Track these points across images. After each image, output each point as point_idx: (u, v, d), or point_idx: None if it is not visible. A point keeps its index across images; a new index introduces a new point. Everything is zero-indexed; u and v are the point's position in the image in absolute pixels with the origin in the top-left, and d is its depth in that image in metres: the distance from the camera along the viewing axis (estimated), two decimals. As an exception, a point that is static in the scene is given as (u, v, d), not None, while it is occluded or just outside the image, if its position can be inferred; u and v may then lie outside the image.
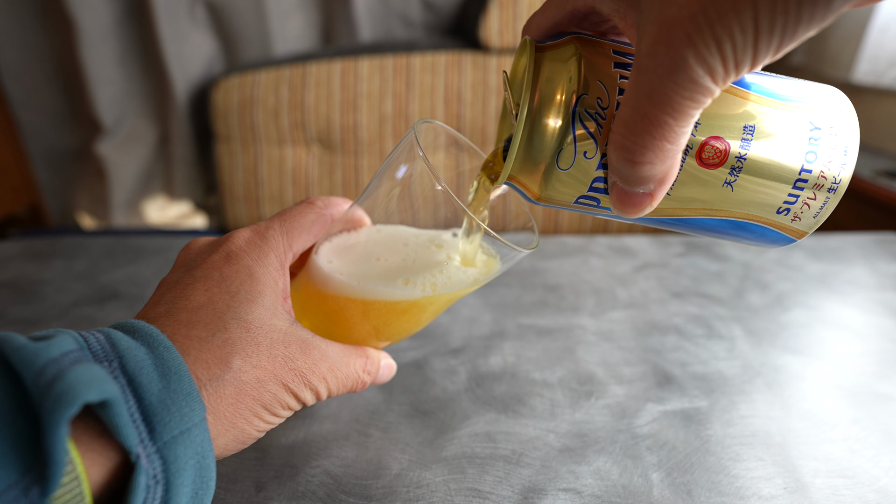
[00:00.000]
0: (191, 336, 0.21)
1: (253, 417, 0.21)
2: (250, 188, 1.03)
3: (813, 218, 0.20)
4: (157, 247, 0.53)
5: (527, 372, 0.35)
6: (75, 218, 1.16)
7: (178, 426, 0.18)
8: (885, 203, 0.66)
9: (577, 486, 0.26)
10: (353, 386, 0.25)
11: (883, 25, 0.77)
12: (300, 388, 0.23)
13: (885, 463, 0.28)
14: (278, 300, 0.24)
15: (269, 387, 0.22)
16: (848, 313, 0.42)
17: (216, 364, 0.20)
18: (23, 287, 0.45)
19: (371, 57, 0.97)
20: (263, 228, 0.25)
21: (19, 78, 1.03)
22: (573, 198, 0.21)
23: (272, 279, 0.24)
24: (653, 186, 0.18)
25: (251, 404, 0.21)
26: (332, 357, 0.24)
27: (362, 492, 0.26)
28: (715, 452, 0.28)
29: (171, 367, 0.19)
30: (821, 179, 0.19)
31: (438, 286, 0.25)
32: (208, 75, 1.06)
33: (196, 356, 0.20)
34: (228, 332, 0.21)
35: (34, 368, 0.16)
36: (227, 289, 0.22)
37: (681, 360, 0.36)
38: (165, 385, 0.18)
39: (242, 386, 0.21)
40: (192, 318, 0.21)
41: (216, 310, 0.22)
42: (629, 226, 1.03)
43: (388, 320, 0.26)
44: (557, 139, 0.19)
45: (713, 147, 0.19)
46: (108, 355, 0.18)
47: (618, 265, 0.50)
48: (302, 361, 0.23)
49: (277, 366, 0.22)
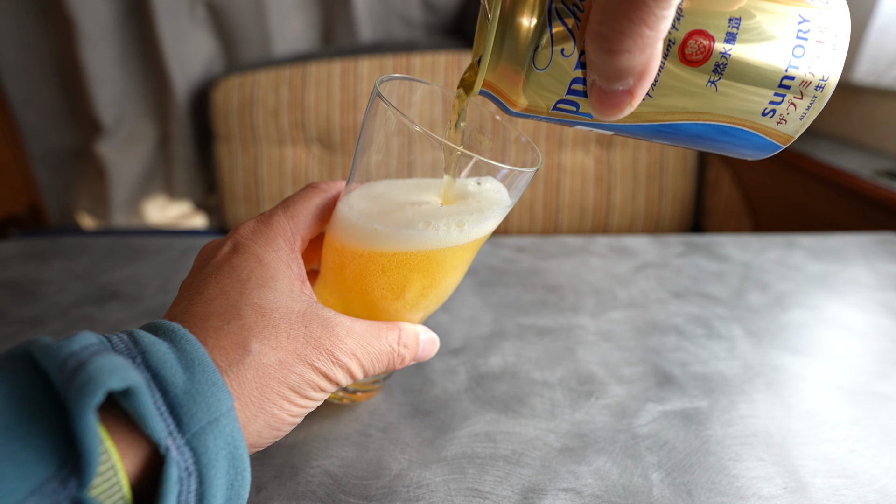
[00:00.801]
0: (206, 327, 0.21)
1: (282, 401, 0.21)
2: (250, 188, 1.03)
3: (799, 120, 0.20)
4: (157, 247, 0.53)
5: (527, 372, 0.35)
6: (75, 218, 1.16)
7: (206, 416, 0.18)
8: (885, 203, 0.66)
9: (577, 486, 0.26)
10: (389, 360, 0.25)
11: (883, 25, 0.77)
12: (328, 367, 0.22)
13: (885, 463, 0.28)
14: (293, 283, 0.23)
15: (294, 367, 0.21)
16: (848, 313, 0.42)
17: (234, 349, 0.20)
18: (23, 287, 0.45)
19: (371, 57, 0.97)
20: (268, 216, 0.25)
21: (19, 78, 1.03)
22: (552, 102, 0.20)
23: (283, 263, 0.23)
24: (632, 82, 0.17)
25: (277, 387, 0.21)
26: (359, 332, 0.23)
27: (362, 492, 0.26)
28: (715, 452, 0.28)
29: (194, 360, 0.19)
30: (808, 76, 0.19)
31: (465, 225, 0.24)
32: (208, 75, 1.06)
33: (214, 345, 0.20)
34: (243, 318, 0.21)
35: (57, 363, 0.16)
36: (237, 277, 0.22)
37: (681, 360, 0.36)
38: (190, 377, 0.18)
39: (264, 369, 0.20)
40: (206, 310, 0.21)
41: (229, 299, 0.22)
42: (629, 226, 1.03)
43: (411, 275, 0.25)
44: (534, 37, 0.18)
45: (696, 42, 0.18)
46: (132, 352, 0.18)
47: (618, 265, 0.50)
48: (325, 338, 0.22)
49: (299, 345, 0.21)
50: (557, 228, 1.03)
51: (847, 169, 0.73)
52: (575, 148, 1.00)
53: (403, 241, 0.24)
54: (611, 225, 1.03)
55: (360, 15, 1.04)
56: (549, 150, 1.00)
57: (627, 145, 1.00)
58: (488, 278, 0.47)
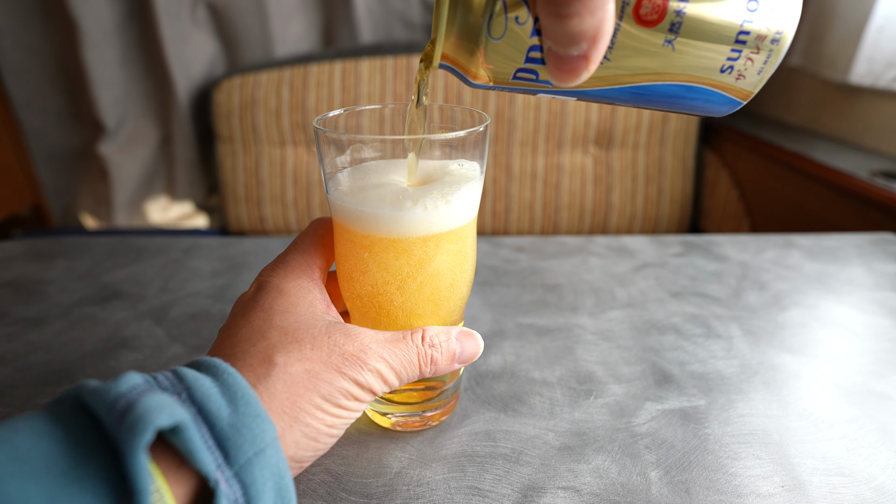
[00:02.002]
0: (235, 353, 0.22)
1: (316, 411, 0.21)
2: (252, 188, 1.03)
3: (757, 75, 0.20)
4: (158, 247, 0.53)
5: (526, 371, 0.35)
6: (78, 218, 1.16)
7: (252, 448, 0.18)
8: (881, 203, 0.66)
9: (576, 485, 0.26)
10: (420, 361, 0.24)
11: (880, 27, 0.77)
12: (358, 372, 0.22)
13: (881, 461, 0.28)
14: (315, 306, 0.24)
15: (324, 376, 0.21)
16: (845, 313, 0.42)
17: (260, 365, 0.21)
18: (26, 287, 0.46)
19: (372, 58, 0.97)
20: (283, 255, 0.27)
21: (22, 79, 1.03)
22: (511, 72, 0.20)
23: (304, 290, 0.25)
24: (586, 46, 0.17)
25: (309, 396, 0.21)
26: (383, 338, 0.24)
27: (363, 490, 0.26)
28: (713, 451, 0.29)
29: (237, 392, 0.19)
30: (763, 30, 0.19)
31: (450, 198, 0.25)
32: (210, 76, 1.06)
33: (242, 365, 0.21)
34: (268, 339, 0.22)
35: (106, 404, 0.17)
36: (261, 308, 0.24)
37: (679, 360, 0.36)
38: (234, 409, 0.19)
39: (292, 379, 0.21)
40: (235, 339, 0.23)
41: (254, 327, 0.23)
42: (628, 226, 1.03)
43: (410, 259, 0.25)
44: (487, 6, 0.18)
45: (650, 2, 0.18)
46: (177, 388, 0.19)
47: (617, 265, 0.50)
48: (350, 345, 0.23)
49: (324, 354, 0.22)
50: (557, 228, 1.04)
51: (844, 169, 0.73)
52: (574, 148, 1.01)
53: (396, 224, 0.25)
54: (610, 225, 1.03)
55: (361, 16, 1.04)
56: (549, 150, 1.00)
57: (626, 146, 1.01)
58: (488, 278, 0.48)
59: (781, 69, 1.03)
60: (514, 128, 0.98)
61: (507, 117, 0.98)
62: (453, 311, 0.28)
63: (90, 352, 0.37)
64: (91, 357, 0.36)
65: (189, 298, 0.44)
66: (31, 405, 0.31)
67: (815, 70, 0.90)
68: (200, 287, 0.46)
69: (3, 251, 0.52)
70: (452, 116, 0.29)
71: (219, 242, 0.55)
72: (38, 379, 0.34)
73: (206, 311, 0.42)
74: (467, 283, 0.28)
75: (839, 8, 0.84)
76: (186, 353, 0.37)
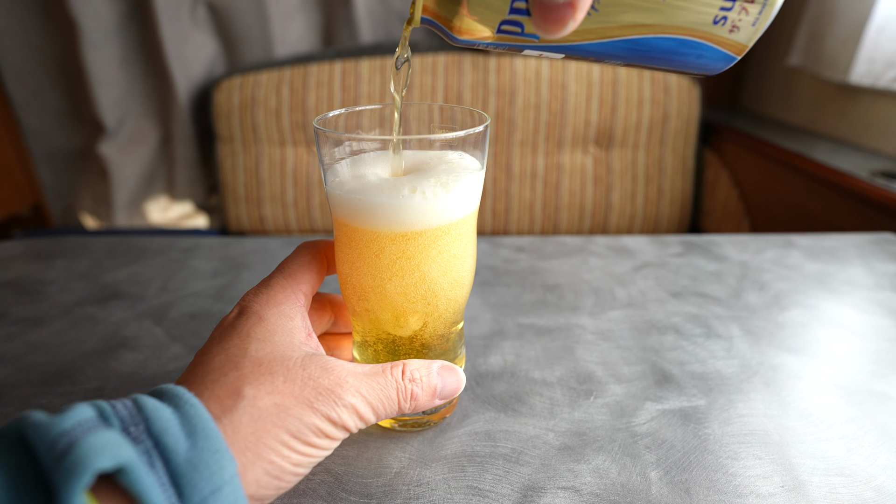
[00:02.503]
0: (205, 381, 0.21)
1: (281, 447, 0.20)
2: (252, 189, 1.04)
3: (752, 27, 0.19)
4: (158, 246, 0.53)
5: (526, 371, 0.35)
6: (78, 218, 1.16)
7: (209, 485, 0.18)
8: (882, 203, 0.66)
9: (576, 485, 0.26)
10: (399, 396, 0.24)
11: (880, 27, 0.77)
12: (332, 408, 0.21)
13: (881, 461, 0.28)
14: (294, 335, 0.24)
15: (293, 411, 0.20)
16: (845, 313, 0.42)
17: (227, 397, 0.20)
18: (26, 287, 0.46)
19: (371, 58, 0.97)
20: (267, 279, 0.26)
21: (22, 79, 1.03)
22: (495, 24, 0.19)
23: (285, 317, 0.24)
24: None
25: (275, 432, 0.20)
26: (361, 371, 0.23)
27: (363, 490, 0.26)
28: (713, 451, 0.29)
29: (197, 425, 0.18)
30: None
31: (450, 185, 0.25)
32: (210, 76, 1.06)
33: (209, 395, 0.20)
34: (241, 369, 0.21)
35: (46, 442, 0.16)
36: (238, 334, 0.23)
37: (679, 360, 0.36)
38: (193, 443, 0.18)
39: (260, 413, 0.20)
40: (207, 367, 0.22)
41: (229, 355, 0.22)
42: (628, 226, 1.03)
43: (408, 250, 0.25)
44: None
45: None
46: (135, 419, 0.18)
47: (617, 265, 0.50)
48: (325, 378, 0.22)
49: (297, 388, 0.21)
50: (557, 228, 1.04)
51: (844, 169, 0.73)
52: (574, 148, 1.01)
53: (395, 213, 0.24)
54: (609, 225, 1.03)
55: (361, 16, 1.04)
56: (549, 150, 1.00)
57: (626, 146, 1.01)
58: (488, 278, 0.48)
59: (782, 69, 1.03)
60: (514, 128, 0.98)
61: (507, 117, 0.98)
62: (454, 311, 0.28)
63: (90, 352, 0.37)
64: (91, 357, 0.36)
65: (189, 298, 0.44)
66: (31, 405, 0.31)
67: (815, 70, 0.90)
68: (200, 287, 0.46)
69: (3, 251, 0.52)
70: (452, 116, 0.29)
71: (219, 242, 0.55)
72: (38, 379, 0.34)
73: (206, 311, 0.42)
74: (467, 281, 0.28)
75: (839, 8, 0.84)
76: (186, 352, 0.37)
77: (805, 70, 0.95)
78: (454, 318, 0.29)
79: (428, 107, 0.30)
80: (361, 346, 0.30)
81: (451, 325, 0.29)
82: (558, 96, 0.96)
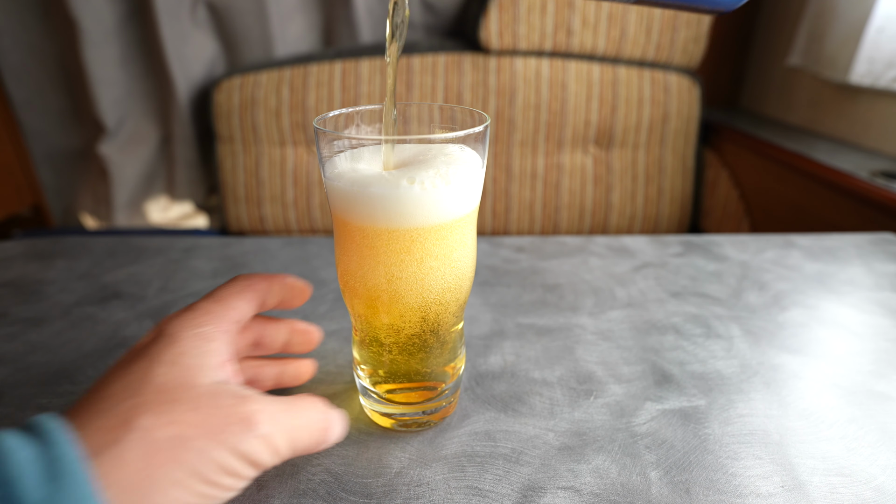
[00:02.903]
0: (91, 410, 0.18)
1: (173, 488, 0.17)
2: (252, 189, 1.04)
3: None
4: (158, 247, 0.53)
5: (526, 371, 0.35)
6: (78, 218, 1.16)
7: None
8: (881, 203, 0.66)
9: (576, 485, 0.26)
10: (323, 425, 0.22)
11: (880, 27, 0.77)
12: (241, 439, 0.19)
13: (881, 461, 0.28)
14: (206, 360, 0.21)
15: (194, 444, 0.18)
16: (845, 313, 0.43)
17: (116, 428, 0.18)
18: (26, 287, 0.46)
19: (372, 58, 0.97)
20: (194, 302, 0.24)
21: (22, 79, 1.03)
22: None
23: (201, 338, 0.22)
24: None
25: (169, 469, 0.17)
26: (281, 400, 0.21)
27: (363, 490, 0.26)
28: (713, 451, 0.29)
29: (62, 468, 0.16)
30: None
31: (450, 176, 0.24)
32: (210, 76, 1.06)
33: (94, 427, 0.18)
34: (140, 395, 0.19)
35: None
36: (146, 357, 0.21)
37: (679, 360, 0.36)
38: (54, 490, 0.16)
39: (153, 446, 0.18)
40: (101, 394, 0.19)
41: (130, 380, 0.20)
42: (628, 226, 1.03)
43: (407, 245, 0.25)
44: None
45: None
46: None
47: (617, 265, 0.50)
48: (241, 406, 0.19)
49: (203, 416, 0.19)
50: (556, 228, 1.04)
51: (844, 169, 0.73)
52: (574, 148, 1.01)
53: (393, 205, 0.24)
54: (609, 225, 1.03)
55: (361, 16, 1.04)
56: (549, 150, 1.00)
57: (626, 146, 1.01)
58: (488, 278, 0.48)
59: (782, 69, 1.03)
60: (514, 128, 0.98)
61: (507, 117, 0.98)
62: (454, 311, 0.28)
63: (90, 352, 0.37)
64: (91, 357, 0.36)
65: (189, 298, 0.44)
66: (31, 405, 0.31)
67: (815, 70, 0.90)
68: (200, 287, 0.46)
69: (3, 251, 0.52)
70: (452, 116, 0.29)
71: (219, 242, 0.55)
72: (38, 379, 0.34)
73: (206, 311, 0.42)
74: (467, 281, 0.28)
75: (839, 8, 0.84)
76: (186, 353, 0.37)
77: (805, 70, 0.95)
78: (454, 318, 0.29)
79: (428, 107, 0.30)
80: (361, 346, 0.30)
81: (451, 325, 0.29)
82: (558, 96, 0.96)
